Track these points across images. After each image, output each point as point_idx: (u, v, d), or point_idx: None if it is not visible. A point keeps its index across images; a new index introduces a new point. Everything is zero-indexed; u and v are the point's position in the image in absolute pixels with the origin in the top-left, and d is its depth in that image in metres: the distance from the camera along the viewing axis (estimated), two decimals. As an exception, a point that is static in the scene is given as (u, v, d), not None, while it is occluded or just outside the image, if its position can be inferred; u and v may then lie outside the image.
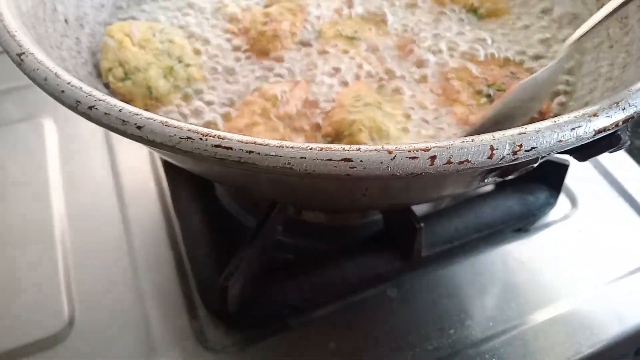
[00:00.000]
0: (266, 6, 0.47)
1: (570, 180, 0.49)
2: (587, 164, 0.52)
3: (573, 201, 0.49)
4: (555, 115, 0.37)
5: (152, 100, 0.38)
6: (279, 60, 0.42)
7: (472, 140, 0.23)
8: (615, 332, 0.41)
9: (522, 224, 0.46)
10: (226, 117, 0.38)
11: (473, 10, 0.48)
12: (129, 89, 0.38)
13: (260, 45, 0.42)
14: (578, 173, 0.50)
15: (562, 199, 0.49)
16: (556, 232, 0.47)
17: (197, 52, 0.42)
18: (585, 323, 0.41)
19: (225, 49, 0.43)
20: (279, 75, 0.41)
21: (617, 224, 0.48)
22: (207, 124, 0.38)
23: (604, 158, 0.52)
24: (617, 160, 0.52)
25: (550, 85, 0.38)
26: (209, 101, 0.39)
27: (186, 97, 0.39)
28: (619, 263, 0.45)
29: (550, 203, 0.46)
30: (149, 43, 0.40)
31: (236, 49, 0.43)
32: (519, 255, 0.46)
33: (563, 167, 0.45)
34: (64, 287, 0.42)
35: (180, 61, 0.40)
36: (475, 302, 0.42)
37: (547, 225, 0.47)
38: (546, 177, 0.46)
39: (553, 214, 0.48)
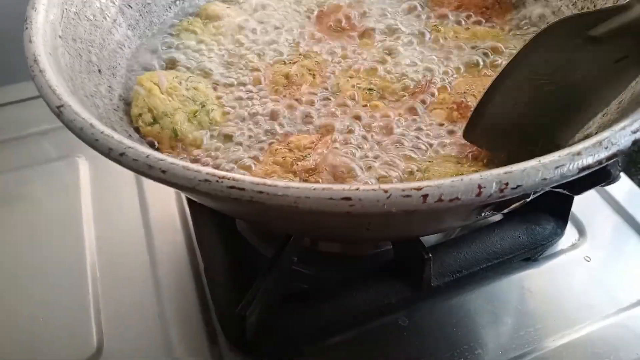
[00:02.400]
0: (286, 62, 0.49)
1: (577, 209, 0.50)
2: (593, 193, 0.53)
3: (581, 230, 0.50)
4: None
5: (177, 142, 0.42)
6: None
7: (462, 180, 0.25)
8: (627, 361, 0.41)
9: (531, 253, 0.47)
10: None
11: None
12: (156, 132, 0.42)
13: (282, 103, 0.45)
14: (585, 202, 0.51)
15: (570, 228, 0.50)
16: (565, 261, 0.48)
17: (219, 98, 0.45)
18: (595, 351, 0.42)
19: (246, 96, 0.46)
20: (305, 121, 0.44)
21: (625, 252, 0.49)
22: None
23: (611, 187, 0.53)
24: (623, 189, 0.53)
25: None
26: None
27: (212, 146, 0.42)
28: (628, 291, 0.46)
29: (557, 233, 0.47)
30: (176, 90, 0.43)
31: (256, 95, 0.46)
32: (528, 284, 0.47)
33: (569, 198, 0.46)
34: (94, 315, 0.45)
35: (203, 106, 0.43)
36: (486, 331, 0.43)
37: (555, 254, 0.49)
38: (553, 208, 0.47)
39: (561, 243, 0.49)
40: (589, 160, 0.26)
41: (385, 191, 0.25)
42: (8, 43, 0.59)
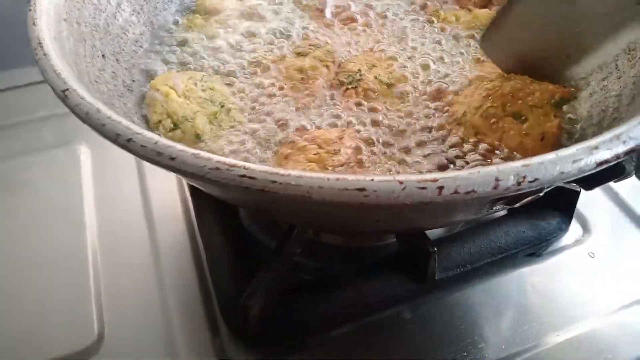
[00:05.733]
0: (297, 54, 0.48)
1: (581, 205, 0.50)
2: (598, 190, 0.53)
3: (585, 226, 0.50)
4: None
5: (199, 145, 0.40)
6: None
7: (478, 172, 0.24)
8: (629, 357, 0.41)
9: (535, 248, 0.47)
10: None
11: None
12: (178, 138, 0.40)
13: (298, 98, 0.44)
14: (589, 198, 0.51)
15: (574, 224, 0.50)
16: (569, 257, 0.48)
17: (237, 95, 0.44)
18: (598, 347, 0.42)
19: (263, 92, 0.45)
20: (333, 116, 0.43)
21: (629, 249, 0.48)
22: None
23: (616, 184, 0.53)
24: (627, 186, 0.53)
25: None
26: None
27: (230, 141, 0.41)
28: (632, 288, 0.46)
29: (562, 229, 0.47)
30: (193, 92, 0.41)
31: (272, 93, 0.45)
32: (532, 279, 0.46)
33: (574, 194, 0.46)
34: (95, 304, 0.45)
35: (222, 106, 0.42)
36: (489, 325, 0.43)
37: (559, 250, 0.48)
38: (558, 203, 0.47)
39: (565, 239, 0.49)
40: (606, 154, 0.26)
41: (400, 182, 0.24)
42: (6, 28, 0.58)
